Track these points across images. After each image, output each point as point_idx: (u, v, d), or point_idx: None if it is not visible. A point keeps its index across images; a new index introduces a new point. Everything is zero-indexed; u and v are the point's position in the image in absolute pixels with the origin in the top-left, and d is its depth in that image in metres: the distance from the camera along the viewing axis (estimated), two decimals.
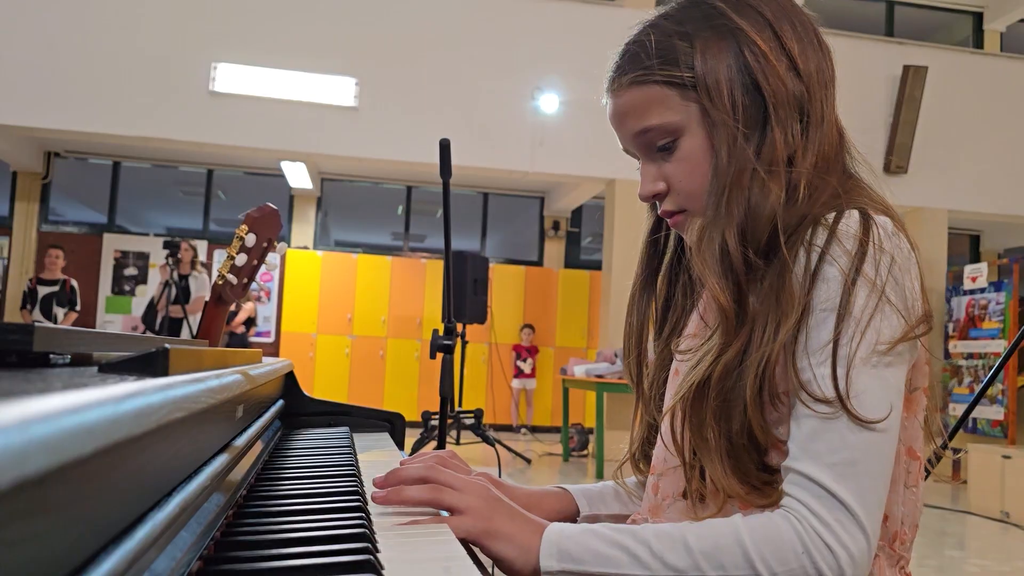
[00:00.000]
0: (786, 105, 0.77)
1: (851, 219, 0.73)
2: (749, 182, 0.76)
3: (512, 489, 0.89)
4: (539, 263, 9.81)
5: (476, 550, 0.71)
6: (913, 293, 0.73)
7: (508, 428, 8.93)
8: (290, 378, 1.40)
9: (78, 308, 7.30)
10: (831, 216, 0.74)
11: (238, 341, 7.47)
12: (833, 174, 0.78)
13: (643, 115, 0.81)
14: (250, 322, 7.77)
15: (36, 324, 0.58)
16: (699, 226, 0.80)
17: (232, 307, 1.53)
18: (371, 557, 0.55)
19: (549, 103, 7.11)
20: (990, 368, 3.63)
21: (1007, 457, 5.14)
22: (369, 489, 0.84)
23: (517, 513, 0.75)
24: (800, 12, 0.82)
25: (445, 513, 0.74)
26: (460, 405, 6.48)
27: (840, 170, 0.80)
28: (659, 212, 0.86)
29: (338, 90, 6.87)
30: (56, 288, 7.17)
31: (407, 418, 1.50)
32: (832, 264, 0.71)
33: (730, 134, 0.77)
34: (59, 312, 7.15)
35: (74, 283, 7.30)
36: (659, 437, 0.86)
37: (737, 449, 0.73)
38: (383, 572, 0.55)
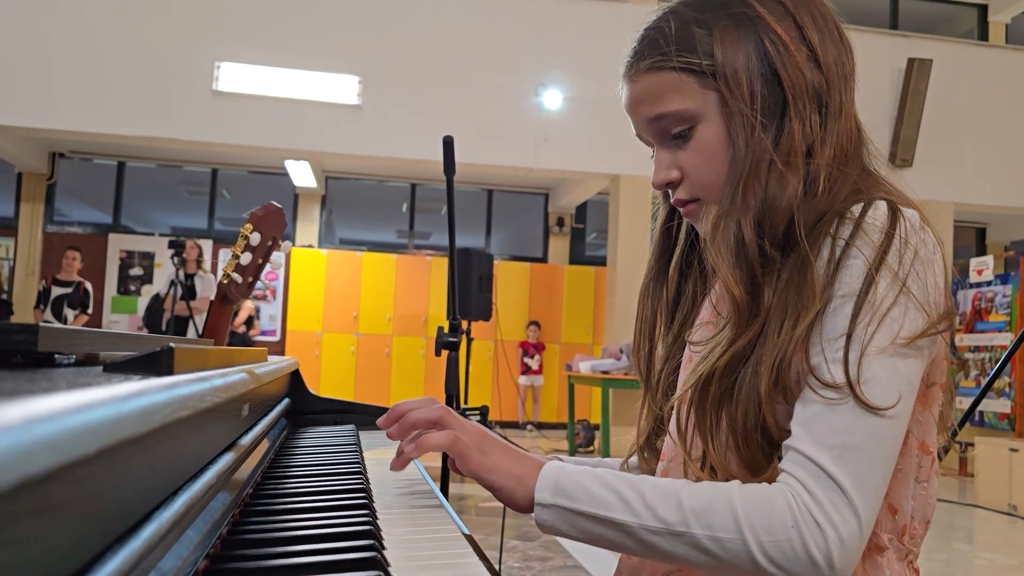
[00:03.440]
0: (805, 96, 0.77)
1: (878, 211, 0.72)
2: (766, 173, 0.75)
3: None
4: (544, 260, 9.81)
5: (481, 548, 0.71)
6: (936, 289, 0.72)
7: (514, 425, 8.94)
8: (296, 376, 1.40)
9: (90, 311, 7.31)
10: (857, 208, 0.73)
11: (239, 340, 7.49)
12: (852, 168, 0.78)
13: (659, 101, 0.80)
14: (250, 321, 7.79)
15: (41, 324, 0.58)
16: (714, 216, 0.79)
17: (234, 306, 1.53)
18: (377, 555, 0.55)
19: (553, 99, 7.10)
20: (997, 361, 3.62)
21: (1014, 450, 5.13)
22: (374, 488, 0.84)
23: (513, 450, 0.78)
24: (821, 3, 0.82)
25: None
26: (466, 402, 6.46)
27: (858, 164, 0.80)
28: (671, 200, 0.85)
29: (342, 88, 6.88)
30: (70, 290, 7.17)
31: None
32: (857, 255, 0.71)
33: (748, 124, 0.76)
34: (70, 314, 7.16)
35: (88, 286, 7.31)
36: (668, 428, 0.86)
37: (749, 443, 0.73)
38: (389, 569, 0.55)
